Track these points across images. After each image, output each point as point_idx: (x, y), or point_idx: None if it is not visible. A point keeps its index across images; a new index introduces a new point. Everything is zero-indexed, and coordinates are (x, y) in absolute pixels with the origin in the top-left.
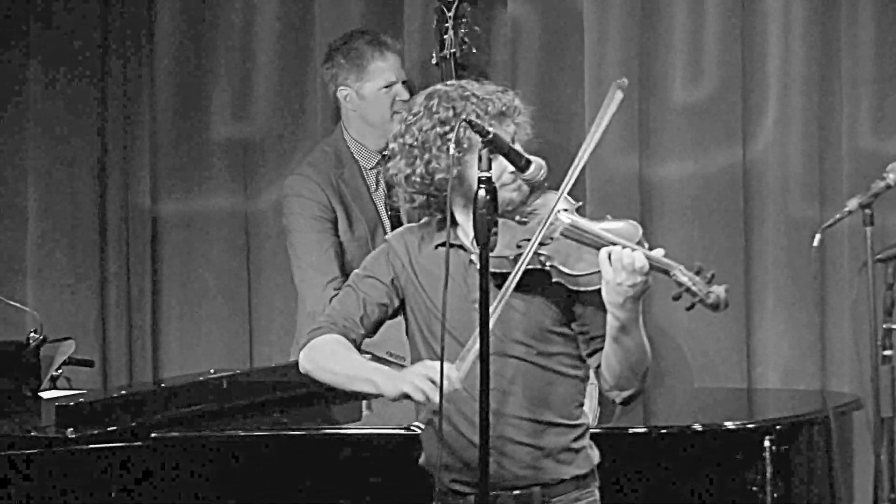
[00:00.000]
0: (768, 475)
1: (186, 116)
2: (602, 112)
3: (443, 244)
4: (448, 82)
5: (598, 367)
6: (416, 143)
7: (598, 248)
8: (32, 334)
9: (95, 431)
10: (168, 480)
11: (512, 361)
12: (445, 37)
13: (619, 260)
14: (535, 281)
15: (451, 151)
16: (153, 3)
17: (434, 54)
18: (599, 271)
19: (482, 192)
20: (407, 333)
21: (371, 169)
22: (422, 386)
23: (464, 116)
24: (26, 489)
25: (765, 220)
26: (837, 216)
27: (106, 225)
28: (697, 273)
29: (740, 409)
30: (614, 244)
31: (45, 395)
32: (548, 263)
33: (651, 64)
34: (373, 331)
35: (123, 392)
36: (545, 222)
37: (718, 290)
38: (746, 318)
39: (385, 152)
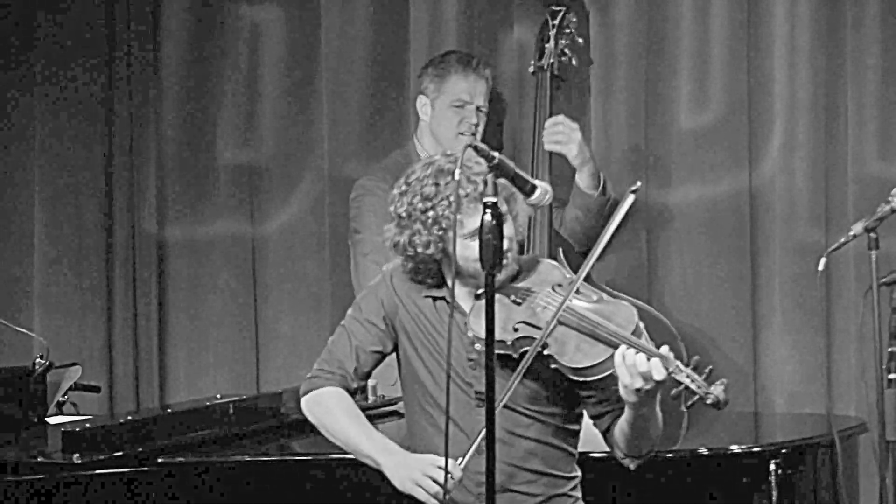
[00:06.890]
0: (774, 499)
1: (192, 142)
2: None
3: (433, 297)
4: (451, 158)
5: (607, 430)
6: (403, 214)
7: (595, 338)
8: (39, 360)
9: (102, 457)
10: None
11: (504, 411)
12: (546, 45)
13: (633, 366)
14: (536, 366)
15: (456, 176)
16: (158, 30)
17: (532, 63)
18: (602, 362)
19: (488, 218)
20: (400, 372)
21: None
22: (424, 486)
23: (470, 143)
24: None
25: (771, 244)
26: (842, 240)
27: (112, 251)
28: (695, 369)
29: (746, 432)
30: (612, 334)
31: (51, 420)
32: (545, 352)
33: (657, 89)
34: (365, 379)
35: (130, 417)
36: (550, 325)
37: (717, 391)
38: (752, 342)
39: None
